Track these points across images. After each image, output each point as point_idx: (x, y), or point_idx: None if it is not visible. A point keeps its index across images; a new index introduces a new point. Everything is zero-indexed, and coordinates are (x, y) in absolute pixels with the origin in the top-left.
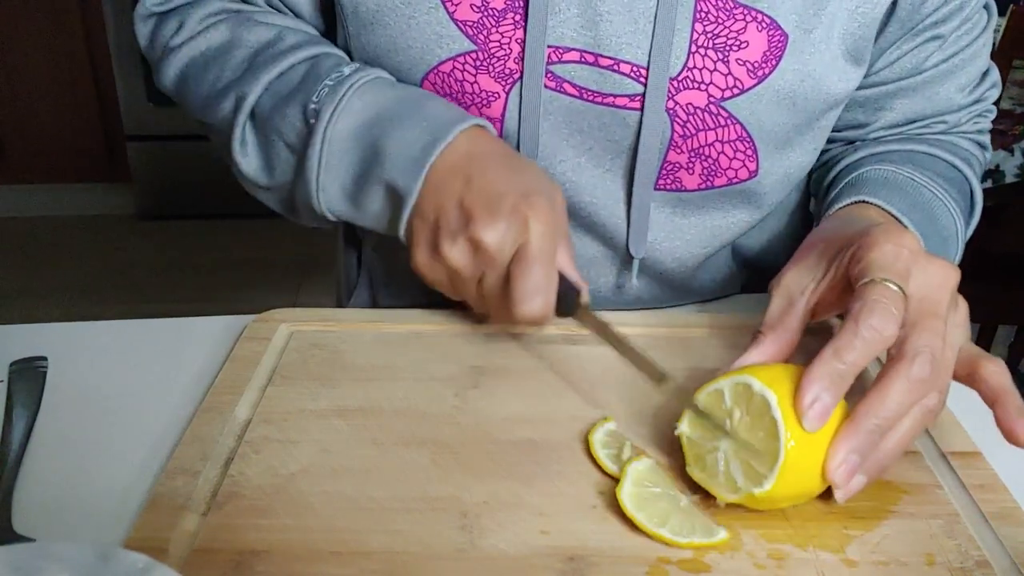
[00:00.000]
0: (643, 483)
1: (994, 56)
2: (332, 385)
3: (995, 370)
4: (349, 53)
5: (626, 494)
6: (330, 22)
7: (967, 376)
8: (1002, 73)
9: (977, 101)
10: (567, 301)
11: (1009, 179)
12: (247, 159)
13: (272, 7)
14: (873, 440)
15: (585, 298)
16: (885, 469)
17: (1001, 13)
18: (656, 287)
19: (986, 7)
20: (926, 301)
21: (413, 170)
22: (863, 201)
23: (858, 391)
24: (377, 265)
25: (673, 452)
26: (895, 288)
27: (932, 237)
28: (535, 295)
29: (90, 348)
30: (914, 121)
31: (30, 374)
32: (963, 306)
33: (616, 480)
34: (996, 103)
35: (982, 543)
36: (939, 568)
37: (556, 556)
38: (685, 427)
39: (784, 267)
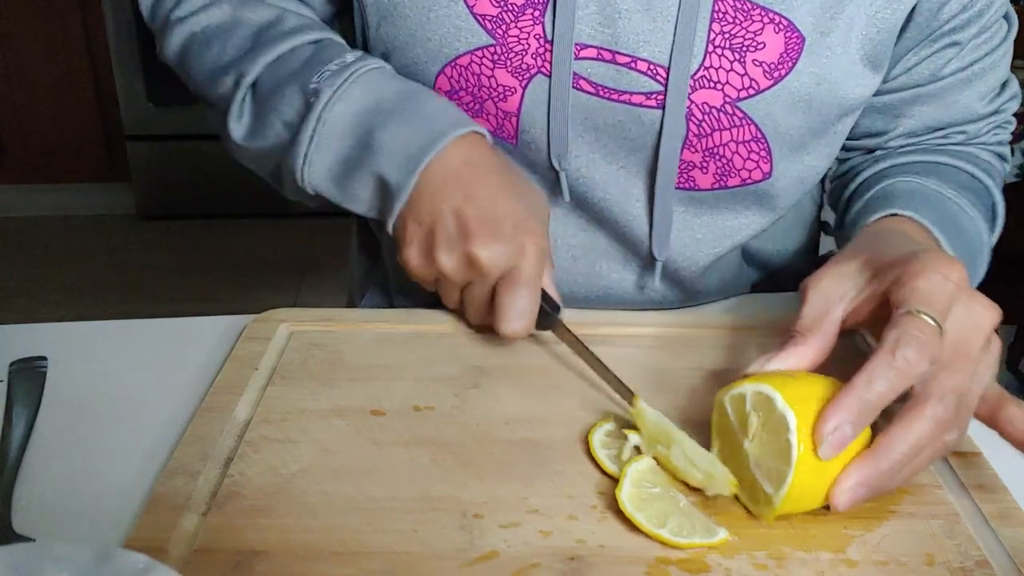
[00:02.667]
0: (643, 484)
1: None
2: (332, 385)
3: (1020, 415)
4: (365, 45)
5: (626, 495)
6: (340, 12)
7: (989, 417)
8: None
9: (997, 112)
10: (547, 316)
11: (1009, 179)
12: (239, 126)
13: None
14: (884, 478)
15: (562, 315)
16: (886, 492)
17: None
18: (666, 287)
19: (1006, 17)
20: (960, 341)
21: (406, 167)
22: (896, 214)
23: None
24: (393, 267)
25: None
26: (933, 323)
27: (960, 251)
28: (520, 316)
29: (90, 348)
30: (934, 130)
31: (30, 374)
32: (996, 345)
33: (616, 480)
34: (1018, 115)
35: (982, 543)
36: (939, 568)
37: (556, 556)
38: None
39: (820, 270)
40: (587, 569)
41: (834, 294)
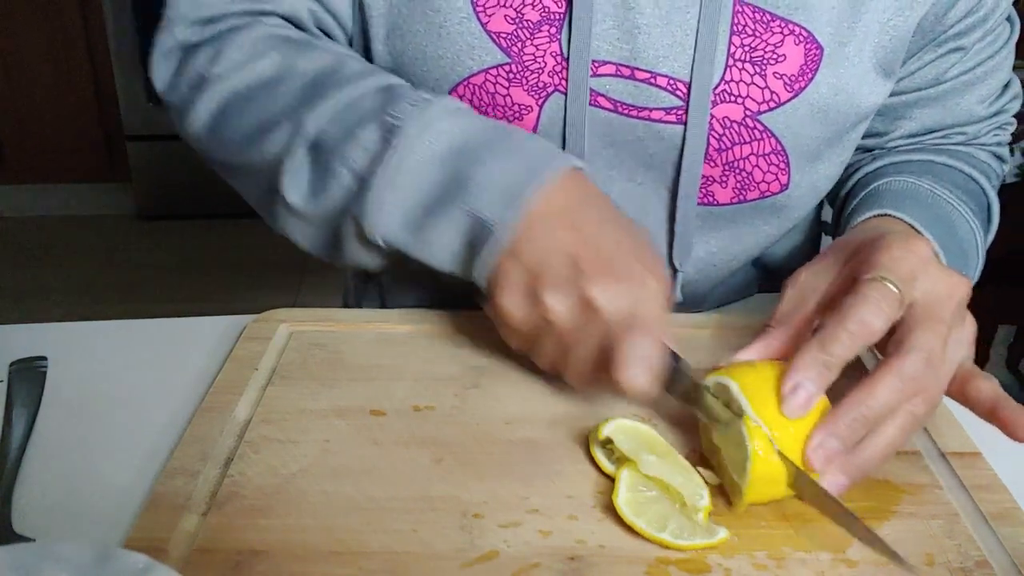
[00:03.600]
0: (638, 488)
1: None
2: (332, 385)
3: (987, 385)
4: (367, 60)
5: (623, 500)
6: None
7: (959, 392)
8: None
9: (997, 113)
10: (674, 371)
11: (1009, 179)
12: (295, 184)
13: (321, 28)
14: (855, 430)
15: (691, 371)
16: (866, 472)
17: None
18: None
19: (1009, 19)
20: (930, 307)
21: (507, 203)
22: (886, 214)
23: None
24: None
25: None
26: (891, 287)
27: (952, 250)
28: (645, 364)
29: (90, 348)
30: (933, 131)
31: (30, 374)
32: (971, 325)
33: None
34: (1018, 115)
35: (982, 543)
36: (939, 568)
37: (556, 556)
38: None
39: (801, 267)
40: (587, 569)
41: (808, 287)
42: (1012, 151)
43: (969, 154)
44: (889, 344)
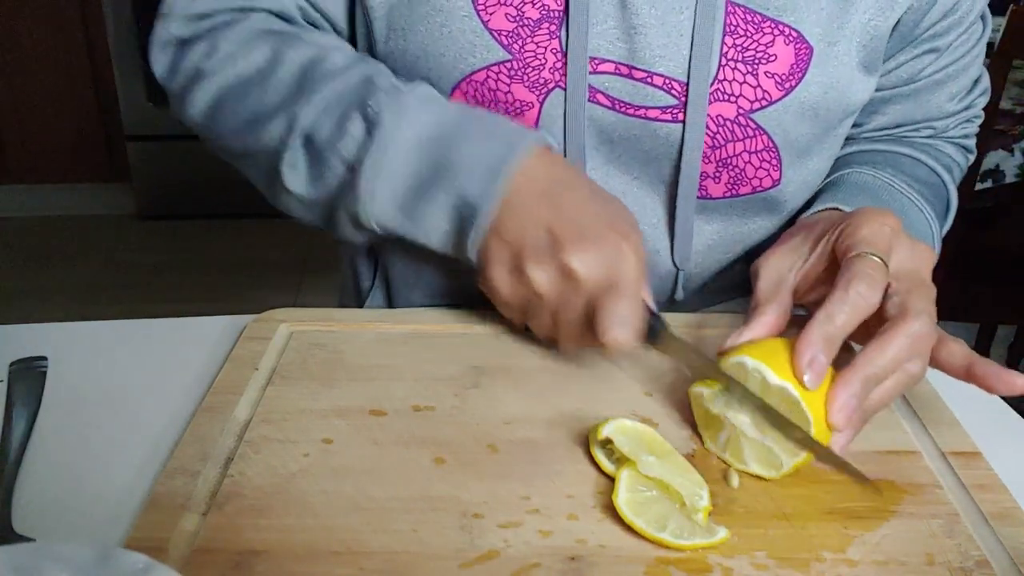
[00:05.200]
0: (637, 487)
1: (994, 56)
2: (332, 385)
3: (958, 348)
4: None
5: (623, 501)
6: (354, 31)
7: (932, 355)
8: (1002, 73)
9: (967, 108)
10: (652, 329)
11: (1009, 179)
12: (295, 175)
13: (310, 22)
14: (868, 387)
15: (669, 326)
16: (865, 422)
17: (1001, 13)
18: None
19: (983, 18)
20: (913, 273)
21: (489, 180)
22: (836, 208)
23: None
24: (396, 268)
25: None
26: (879, 260)
27: None
28: (623, 324)
29: (90, 348)
30: (903, 125)
31: (30, 374)
32: (933, 290)
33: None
34: (986, 108)
35: (982, 543)
36: (939, 568)
37: (556, 556)
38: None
39: (767, 251)
40: (587, 569)
41: (783, 266)
42: (1012, 151)
43: (935, 147)
44: (887, 308)
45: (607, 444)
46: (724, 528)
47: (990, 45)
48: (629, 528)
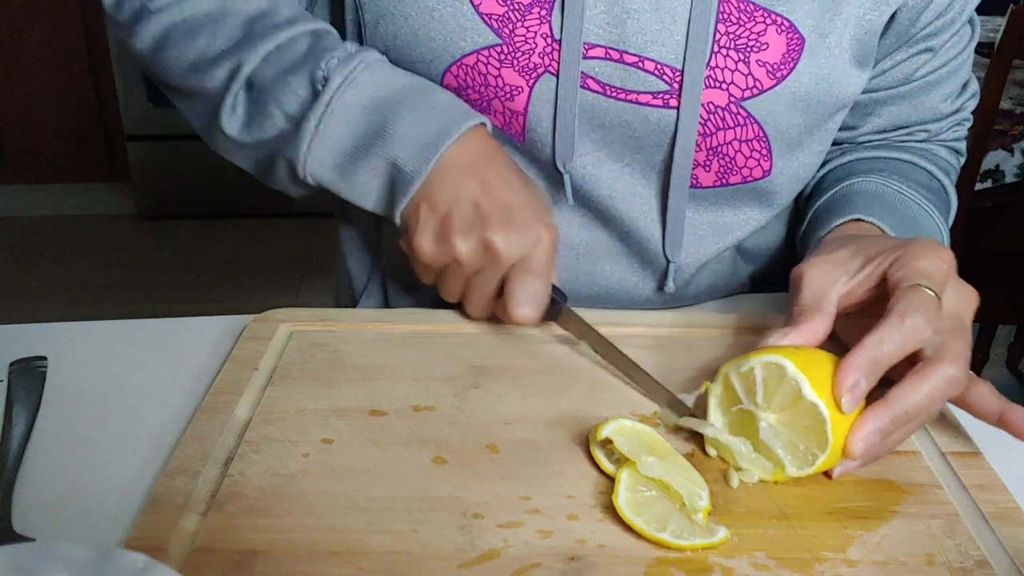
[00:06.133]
0: (637, 487)
1: (994, 56)
2: (332, 385)
3: (988, 390)
4: (361, 43)
5: (623, 500)
6: (336, 14)
7: (961, 398)
8: (1002, 73)
9: (958, 110)
10: (555, 306)
11: (1009, 179)
12: (233, 119)
13: None
14: (896, 424)
15: (567, 304)
16: (877, 458)
17: (1001, 13)
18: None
19: (971, 22)
20: (956, 316)
21: (422, 154)
22: (859, 219)
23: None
24: (396, 268)
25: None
26: (935, 295)
27: None
28: (532, 302)
29: (90, 348)
30: (900, 127)
31: (30, 374)
32: (970, 335)
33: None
34: (985, 108)
35: (982, 543)
36: (939, 568)
37: (556, 556)
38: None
39: (809, 260)
40: (587, 569)
41: (827, 279)
42: (1012, 151)
43: (931, 151)
44: (927, 347)
45: (607, 444)
46: (724, 528)
47: (990, 45)
48: (629, 528)
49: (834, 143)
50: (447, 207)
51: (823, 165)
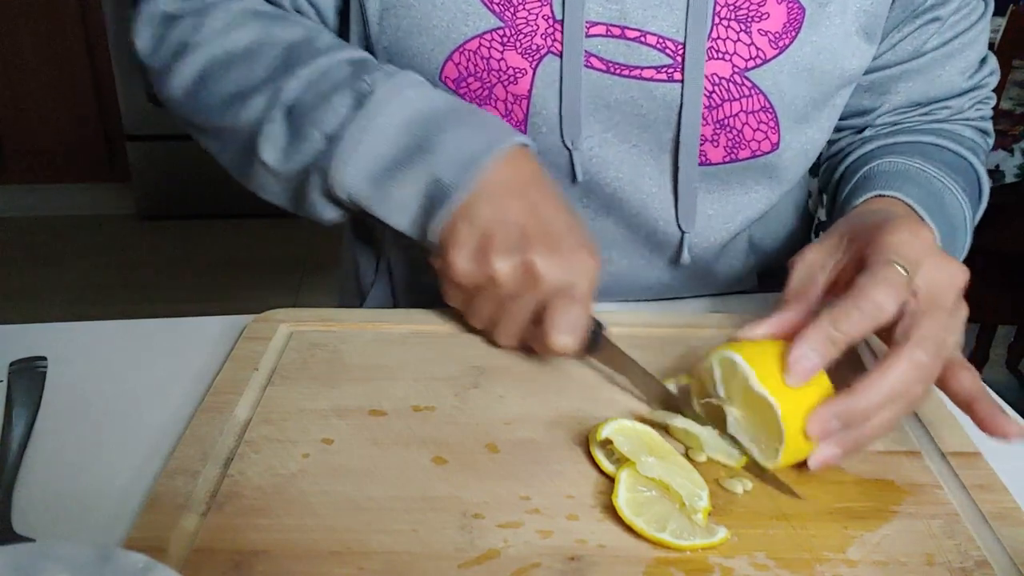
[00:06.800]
0: (637, 488)
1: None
2: (332, 385)
3: (969, 377)
4: (366, 41)
5: (623, 500)
6: (343, 21)
7: (941, 379)
8: (1002, 73)
9: (978, 87)
10: (593, 337)
11: (1009, 179)
12: (271, 147)
13: (297, 10)
14: (855, 417)
15: (609, 333)
16: (861, 448)
17: (1001, 13)
18: (673, 273)
19: None
20: (933, 295)
21: (465, 169)
22: (880, 195)
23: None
24: (401, 268)
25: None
26: (902, 270)
27: (942, 225)
28: (574, 330)
29: (90, 348)
30: (919, 104)
31: (30, 374)
32: (963, 311)
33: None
34: (994, 106)
35: (982, 543)
36: (939, 568)
37: (556, 556)
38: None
39: (806, 247)
40: (587, 569)
41: (816, 265)
42: (1012, 151)
43: (955, 132)
44: (896, 330)
45: (607, 444)
46: (724, 528)
47: (990, 46)
48: (629, 528)
49: (855, 130)
50: (489, 226)
51: (844, 159)
